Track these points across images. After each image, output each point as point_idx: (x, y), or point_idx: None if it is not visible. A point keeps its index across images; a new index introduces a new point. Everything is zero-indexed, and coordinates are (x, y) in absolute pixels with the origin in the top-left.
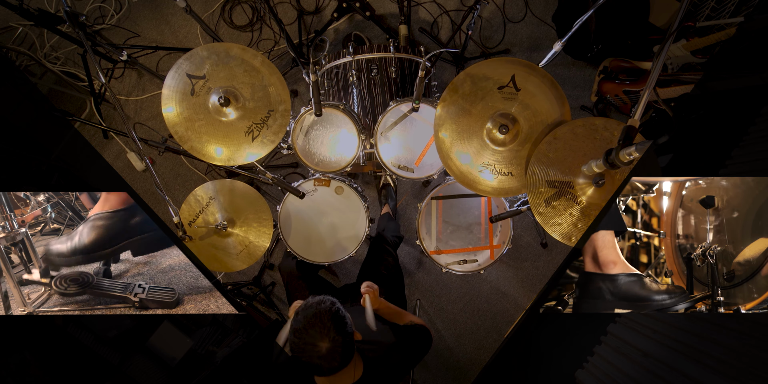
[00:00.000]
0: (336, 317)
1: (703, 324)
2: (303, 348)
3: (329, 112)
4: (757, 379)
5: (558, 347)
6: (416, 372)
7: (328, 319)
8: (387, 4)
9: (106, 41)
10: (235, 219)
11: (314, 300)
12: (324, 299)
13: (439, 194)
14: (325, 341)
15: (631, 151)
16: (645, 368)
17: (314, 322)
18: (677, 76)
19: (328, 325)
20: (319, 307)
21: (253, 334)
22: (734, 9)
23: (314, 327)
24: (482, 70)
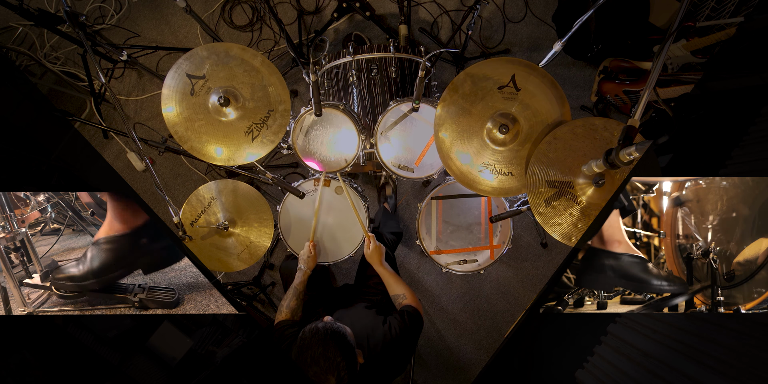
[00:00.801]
0: (346, 352)
1: (703, 324)
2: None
3: (329, 112)
4: (757, 379)
5: (558, 347)
6: (416, 372)
7: (338, 354)
8: (387, 4)
9: (106, 41)
10: (237, 219)
11: (323, 330)
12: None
13: (439, 194)
14: (331, 380)
15: (631, 151)
16: (645, 368)
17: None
18: (677, 76)
19: (338, 362)
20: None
21: (253, 334)
22: (734, 9)
23: (317, 363)
24: (482, 70)
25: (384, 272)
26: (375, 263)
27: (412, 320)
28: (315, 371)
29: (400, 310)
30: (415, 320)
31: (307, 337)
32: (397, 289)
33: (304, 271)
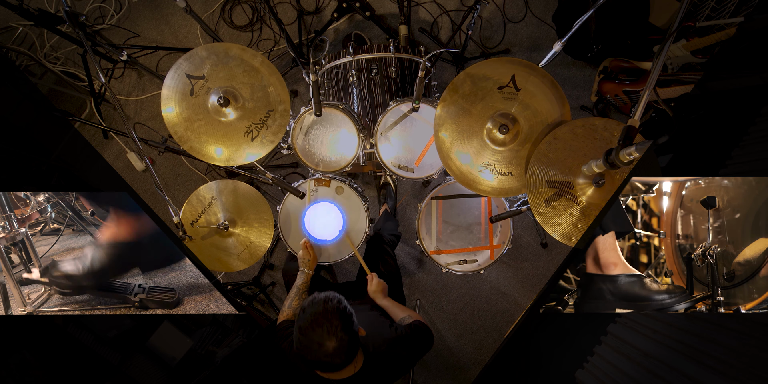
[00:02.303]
0: (343, 315)
1: (703, 324)
2: (309, 346)
3: (329, 112)
4: (757, 379)
5: (558, 347)
6: (416, 372)
7: (335, 317)
8: (387, 4)
9: (106, 41)
10: (237, 219)
11: (320, 296)
12: (331, 296)
13: (439, 194)
14: (332, 340)
15: (631, 151)
16: (645, 368)
17: (321, 320)
18: (677, 76)
19: (336, 324)
20: (326, 305)
21: (253, 334)
22: (734, 9)
23: (321, 325)
24: (482, 70)
25: (388, 305)
26: (378, 298)
27: (422, 331)
28: (319, 333)
29: (411, 323)
30: (425, 332)
31: (307, 305)
32: (402, 314)
33: (306, 274)
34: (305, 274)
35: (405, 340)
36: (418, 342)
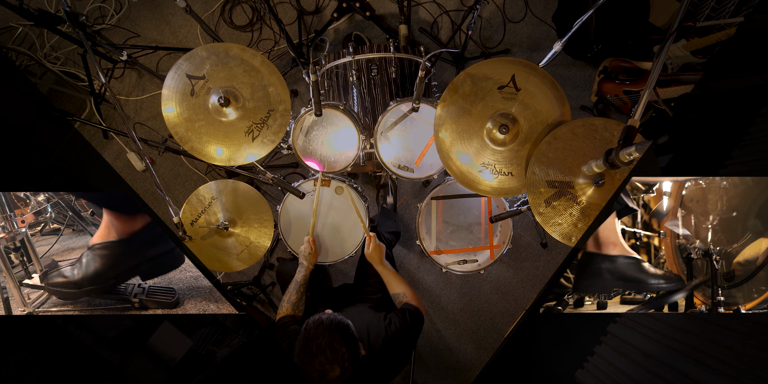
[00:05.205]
0: (350, 343)
1: (703, 324)
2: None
3: (329, 112)
4: (757, 379)
5: (558, 347)
6: (416, 372)
7: (342, 345)
8: (387, 4)
9: (106, 41)
10: (237, 219)
11: (327, 321)
12: (337, 322)
13: (439, 194)
14: (336, 370)
15: (631, 151)
16: (645, 368)
17: (325, 348)
18: (677, 76)
19: (343, 352)
20: (332, 336)
21: (253, 334)
22: (734, 9)
23: (323, 353)
24: (482, 70)
25: (384, 271)
26: (375, 262)
27: (413, 318)
28: (321, 361)
29: (401, 308)
30: (416, 318)
31: (312, 328)
32: (398, 288)
33: (306, 266)
34: (305, 268)
35: (400, 335)
36: (411, 332)
